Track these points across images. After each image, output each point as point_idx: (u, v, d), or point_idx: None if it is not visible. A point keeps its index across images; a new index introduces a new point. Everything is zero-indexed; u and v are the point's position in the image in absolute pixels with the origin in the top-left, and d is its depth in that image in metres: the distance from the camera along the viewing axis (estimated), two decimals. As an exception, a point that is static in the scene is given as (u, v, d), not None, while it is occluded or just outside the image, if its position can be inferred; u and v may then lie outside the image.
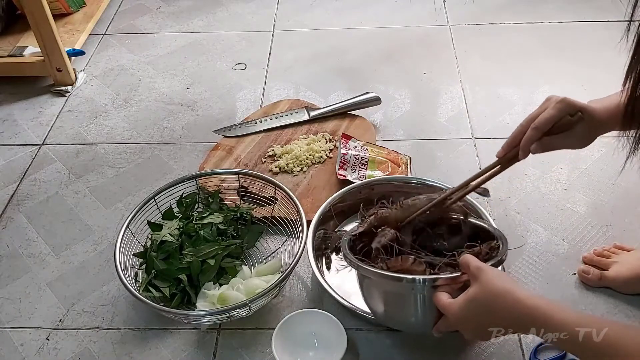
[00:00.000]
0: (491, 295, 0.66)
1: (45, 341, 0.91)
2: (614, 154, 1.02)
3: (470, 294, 0.68)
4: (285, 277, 0.87)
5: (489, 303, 0.66)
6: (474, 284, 0.68)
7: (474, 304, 0.68)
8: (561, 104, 0.73)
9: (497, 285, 0.66)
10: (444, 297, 0.71)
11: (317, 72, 1.45)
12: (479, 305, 0.67)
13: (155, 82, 1.45)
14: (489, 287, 0.67)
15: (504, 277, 0.68)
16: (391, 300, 0.79)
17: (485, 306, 0.67)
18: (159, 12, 1.72)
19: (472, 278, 0.69)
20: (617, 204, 1.07)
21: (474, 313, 0.68)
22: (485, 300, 0.67)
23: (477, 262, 0.70)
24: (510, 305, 0.65)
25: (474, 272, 0.69)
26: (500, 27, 1.57)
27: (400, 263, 0.76)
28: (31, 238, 1.08)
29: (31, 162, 1.24)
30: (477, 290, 0.68)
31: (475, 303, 0.68)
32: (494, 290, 0.66)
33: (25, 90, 1.43)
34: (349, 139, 1.18)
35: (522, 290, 0.66)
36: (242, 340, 0.89)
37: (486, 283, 0.67)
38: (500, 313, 0.66)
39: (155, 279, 0.91)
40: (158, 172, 1.19)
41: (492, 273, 0.68)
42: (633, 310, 0.90)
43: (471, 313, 0.68)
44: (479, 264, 0.69)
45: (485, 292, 0.67)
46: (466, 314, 0.68)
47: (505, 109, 1.30)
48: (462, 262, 0.72)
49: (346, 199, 1.02)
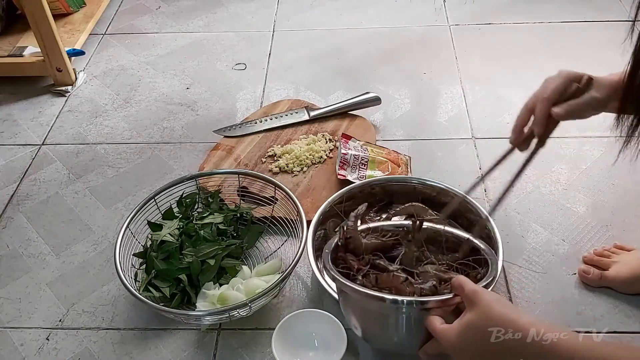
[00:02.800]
0: (491, 323, 0.63)
1: (45, 341, 0.91)
2: (614, 154, 1.02)
3: (467, 320, 0.65)
4: (285, 277, 0.87)
5: (487, 330, 0.63)
6: (471, 309, 0.65)
7: (472, 331, 0.64)
8: (564, 73, 0.72)
9: (497, 311, 0.63)
10: (438, 321, 0.68)
11: (317, 72, 1.45)
12: (476, 333, 0.64)
13: (155, 82, 1.45)
14: (487, 314, 0.63)
15: (502, 302, 0.65)
16: (374, 320, 0.76)
17: (483, 333, 0.63)
18: (159, 12, 1.72)
19: (468, 302, 0.66)
20: (617, 204, 1.07)
21: (471, 341, 0.64)
22: (483, 327, 0.63)
23: (472, 284, 0.67)
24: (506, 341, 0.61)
25: (470, 297, 0.66)
26: (500, 27, 1.57)
27: (390, 280, 0.74)
28: (31, 238, 1.08)
29: (31, 162, 1.24)
30: (475, 316, 0.64)
31: (472, 330, 0.64)
32: (494, 317, 0.63)
33: (25, 90, 1.43)
34: (349, 139, 1.18)
35: (523, 316, 0.62)
36: (242, 340, 0.89)
37: (484, 308, 0.63)
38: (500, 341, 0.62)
39: (155, 279, 0.91)
40: (158, 172, 1.19)
41: (490, 297, 0.64)
42: (633, 310, 0.90)
43: (469, 340, 0.64)
44: (474, 286, 0.66)
45: (484, 319, 0.63)
46: (463, 342, 0.65)
47: (505, 109, 1.30)
48: (455, 284, 0.69)
49: (346, 198, 1.02)
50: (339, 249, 0.85)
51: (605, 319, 0.89)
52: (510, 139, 0.78)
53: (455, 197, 0.93)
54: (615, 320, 0.88)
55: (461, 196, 0.92)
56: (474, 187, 0.86)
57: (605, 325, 0.88)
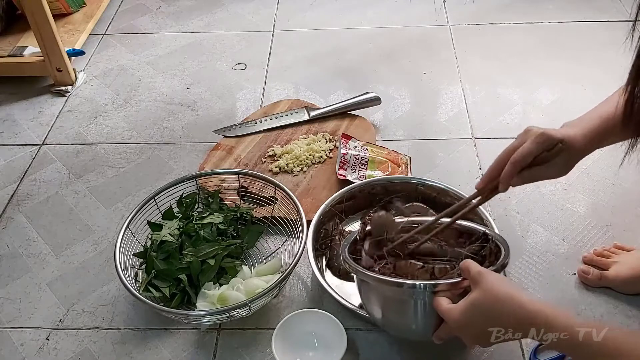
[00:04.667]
0: (493, 300, 0.66)
1: (45, 341, 0.91)
2: (614, 154, 1.02)
3: (471, 298, 0.68)
4: (285, 277, 0.87)
5: (491, 307, 0.66)
6: (475, 289, 0.68)
7: (476, 309, 0.67)
8: (540, 137, 0.72)
9: (499, 289, 0.66)
10: (444, 302, 0.70)
11: (317, 72, 1.45)
12: (480, 310, 0.67)
13: (155, 82, 1.45)
14: (490, 292, 0.66)
15: (505, 282, 0.68)
16: (391, 306, 0.78)
17: (487, 310, 0.66)
18: (159, 12, 1.72)
19: (473, 283, 0.69)
20: (617, 204, 1.07)
21: (475, 318, 0.67)
22: (487, 305, 0.66)
23: (478, 267, 0.69)
24: (512, 309, 0.65)
25: (475, 277, 0.68)
26: (500, 27, 1.57)
27: (408, 267, 0.76)
28: (31, 238, 1.08)
29: (31, 162, 1.24)
30: (478, 294, 0.67)
31: (476, 308, 0.67)
32: (496, 294, 0.66)
33: (25, 90, 1.43)
34: (349, 139, 1.18)
35: (524, 294, 0.66)
36: (242, 340, 0.89)
37: (487, 287, 0.66)
38: (501, 317, 0.65)
39: (155, 279, 0.91)
40: (158, 172, 1.19)
41: (493, 277, 0.67)
42: (633, 310, 0.90)
43: (472, 318, 0.67)
44: (480, 268, 0.69)
45: (486, 297, 0.66)
46: (467, 319, 0.68)
47: (505, 109, 1.30)
48: (462, 267, 0.71)
49: (346, 198, 1.03)
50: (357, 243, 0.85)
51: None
52: (477, 184, 0.80)
53: None
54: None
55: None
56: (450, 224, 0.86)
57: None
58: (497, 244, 0.80)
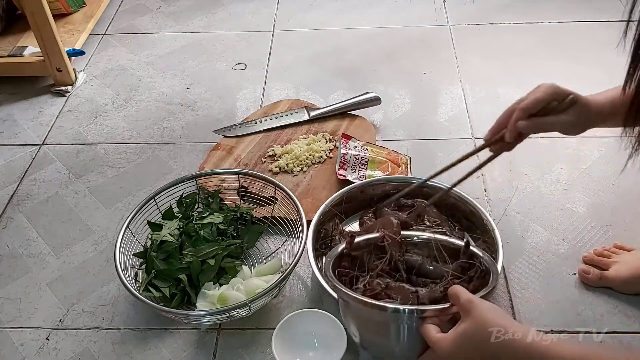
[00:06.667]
0: (484, 331, 0.64)
1: (45, 341, 0.91)
2: (614, 154, 1.02)
3: (462, 329, 0.66)
4: (285, 277, 0.87)
5: (482, 339, 0.64)
6: (466, 318, 0.66)
7: (466, 340, 0.65)
8: (551, 88, 0.73)
9: (490, 320, 0.64)
10: (433, 330, 0.68)
11: (317, 72, 1.45)
12: (471, 341, 0.65)
13: (155, 82, 1.45)
14: (481, 323, 0.64)
15: (496, 311, 0.66)
16: (375, 328, 0.76)
17: (478, 342, 0.64)
18: (159, 12, 1.72)
19: (463, 311, 0.67)
20: (617, 204, 1.07)
21: (465, 349, 0.65)
22: (478, 336, 0.64)
23: (467, 294, 0.68)
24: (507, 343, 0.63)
25: (465, 305, 0.66)
26: (500, 27, 1.57)
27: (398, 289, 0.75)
28: (31, 238, 1.08)
29: (31, 162, 1.24)
30: (469, 325, 0.65)
31: (467, 339, 0.65)
32: (487, 325, 0.64)
33: (25, 90, 1.43)
34: (349, 139, 1.18)
35: (515, 325, 0.64)
36: (242, 340, 0.89)
37: (478, 318, 0.65)
38: (493, 350, 0.63)
39: (155, 279, 0.91)
40: (158, 172, 1.19)
41: (484, 307, 0.66)
42: (633, 310, 0.90)
43: (463, 349, 0.65)
44: (470, 296, 0.67)
45: (477, 328, 0.64)
46: (458, 350, 0.65)
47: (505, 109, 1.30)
48: (451, 293, 0.69)
49: (346, 199, 1.02)
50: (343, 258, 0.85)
51: (605, 319, 0.89)
52: (485, 136, 0.80)
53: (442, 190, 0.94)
54: (615, 320, 0.88)
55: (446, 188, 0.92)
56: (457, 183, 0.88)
57: (605, 325, 0.88)
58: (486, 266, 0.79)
